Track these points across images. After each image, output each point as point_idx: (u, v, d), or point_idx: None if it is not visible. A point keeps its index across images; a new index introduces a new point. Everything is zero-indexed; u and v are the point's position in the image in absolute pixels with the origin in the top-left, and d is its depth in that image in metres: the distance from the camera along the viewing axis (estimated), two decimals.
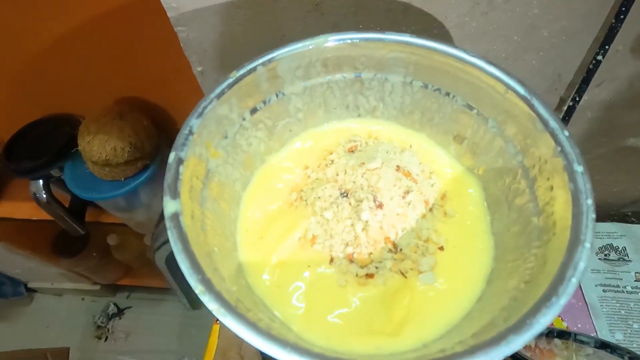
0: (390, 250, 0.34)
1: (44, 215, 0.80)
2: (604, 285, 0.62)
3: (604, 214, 0.73)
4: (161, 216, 0.78)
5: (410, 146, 0.40)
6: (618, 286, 0.62)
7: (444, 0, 0.43)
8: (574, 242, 0.23)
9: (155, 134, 0.73)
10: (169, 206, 0.26)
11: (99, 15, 0.60)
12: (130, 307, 1.33)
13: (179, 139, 0.29)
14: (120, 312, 1.32)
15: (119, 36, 0.63)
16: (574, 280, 0.21)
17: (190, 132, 0.29)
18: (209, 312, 0.24)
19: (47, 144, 0.75)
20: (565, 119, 0.55)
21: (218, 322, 0.56)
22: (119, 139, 0.68)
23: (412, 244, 0.34)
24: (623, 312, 0.59)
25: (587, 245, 0.22)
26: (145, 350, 1.25)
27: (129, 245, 1.07)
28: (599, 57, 0.48)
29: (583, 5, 0.45)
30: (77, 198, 0.76)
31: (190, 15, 0.46)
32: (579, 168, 0.26)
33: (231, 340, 0.56)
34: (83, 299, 1.34)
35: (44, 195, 0.76)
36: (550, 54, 0.50)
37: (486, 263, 0.33)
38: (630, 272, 0.63)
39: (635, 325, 0.58)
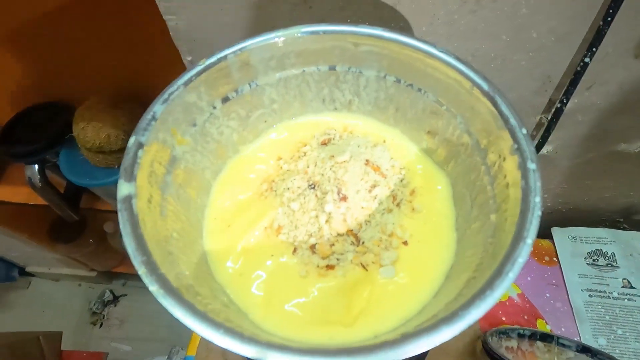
0: (352, 243, 0.34)
1: (41, 200, 0.81)
2: (590, 290, 0.62)
3: (595, 220, 0.72)
4: None
5: (384, 141, 0.40)
6: (604, 292, 0.61)
7: None
8: (517, 238, 0.23)
9: None
10: (122, 189, 0.26)
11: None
12: (125, 295, 1.35)
13: (141, 123, 0.29)
14: (115, 299, 1.34)
15: (115, 24, 0.63)
16: (510, 275, 0.21)
17: (154, 118, 0.30)
18: None
19: (44, 129, 0.76)
20: (553, 121, 0.55)
21: None
22: (113, 127, 0.69)
23: (376, 237, 0.34)
24: (608, 317, 0.59)
25: (529, 241, 0.22)
26: (139, 338, 1.26)
27: None
28: (587, 59, 0.48)
29: (571, 7, 0.44)
30: (72, 184, 0.77)
31: (179, 4, 0.46)
32: (532, 165, 0.25)
33: None
34: (80, 285, 1.36)
35: (39, 180, 0.77)
36: (540, 55, 0.50)
37: (447, 259, 0.33)
38: (617, 279, 0.62)
39: (619, 331, 0.58)
